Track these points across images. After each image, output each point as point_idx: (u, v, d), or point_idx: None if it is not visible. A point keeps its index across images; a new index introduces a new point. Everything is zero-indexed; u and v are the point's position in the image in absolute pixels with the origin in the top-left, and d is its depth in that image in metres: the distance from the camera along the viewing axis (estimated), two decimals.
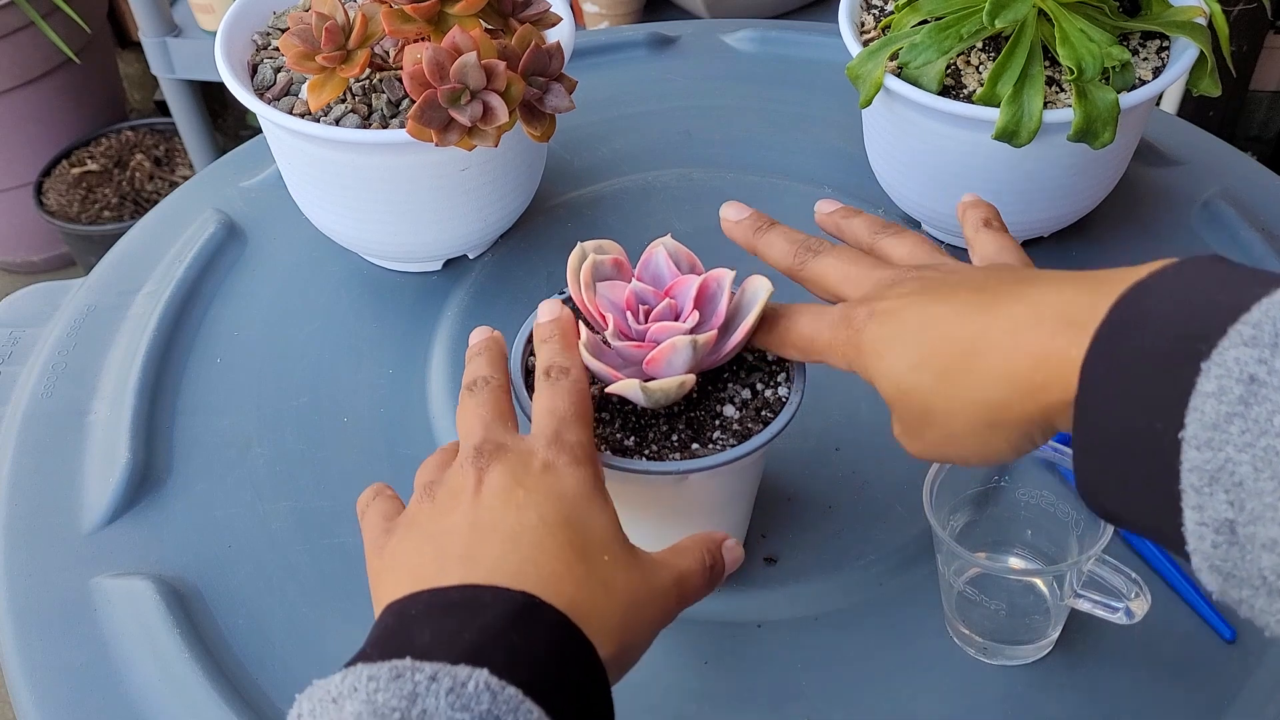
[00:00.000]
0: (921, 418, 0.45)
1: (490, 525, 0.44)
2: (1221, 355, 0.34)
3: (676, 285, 0.51)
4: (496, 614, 0.40)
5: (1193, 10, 0.70)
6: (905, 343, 0.45)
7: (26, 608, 0.60)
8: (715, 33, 1.00)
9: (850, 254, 0.51)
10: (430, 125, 0.62)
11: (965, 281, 0.45)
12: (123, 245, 0.82)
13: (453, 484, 0.46)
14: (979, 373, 0.42)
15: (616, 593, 0.44)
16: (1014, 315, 0.41)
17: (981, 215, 0.53)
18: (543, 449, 0.46)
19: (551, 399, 0.48)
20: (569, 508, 0.45)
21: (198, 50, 1.60)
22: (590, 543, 0.44)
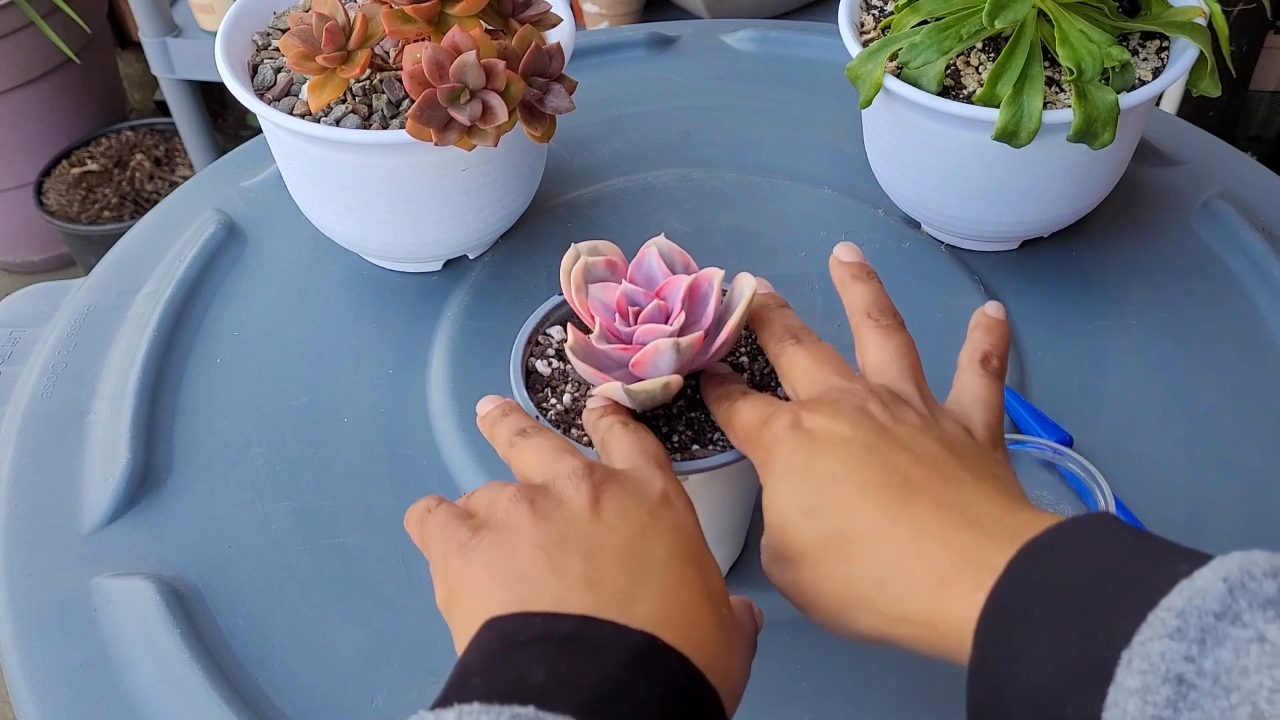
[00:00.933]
0: (786, 558, 0.43)
1: (611, 549, 0.40)
2: (1145, 647, 0.31)
3: (667, 286, 0.51)
4: (618, 656, 0.37)
5: (1193, 10, 0.70)
6: (808, 488, 0.42)
7: (26, 608, 0.60)
8: (715, 33, 1.00)
9: (822, 355, 0.48)
10: (430, 124, 0.62)
11: (897, 464, 0.42)
12: (123, 245, 0.82)
13: (560, 495, 0.42)
14: (859, 568, 0.40)
15: (735, 646, 0.42)
16: (916, 537, 0.39)
17: (984, 347, 0.48)
18: (660, 480, 0.44)
19: (640, 441, 0.46)
20: (696, 548, 0.42)
21: (198, 50, 1.60)
22: (714, 590, 0.42)
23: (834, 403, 0.44)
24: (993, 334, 0.48)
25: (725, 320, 0.50)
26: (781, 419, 0.44)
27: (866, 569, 0.40)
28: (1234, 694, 0.30)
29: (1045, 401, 0.68)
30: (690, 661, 0.38)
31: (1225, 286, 0.76)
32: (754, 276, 0.51)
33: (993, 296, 0.75)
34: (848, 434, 0.43)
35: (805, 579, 0.43)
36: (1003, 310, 0.49)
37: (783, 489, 0.43)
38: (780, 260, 0.77)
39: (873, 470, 0.41)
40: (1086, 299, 0.76)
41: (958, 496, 0.40)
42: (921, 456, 0.42)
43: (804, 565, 0.42)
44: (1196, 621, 0.31)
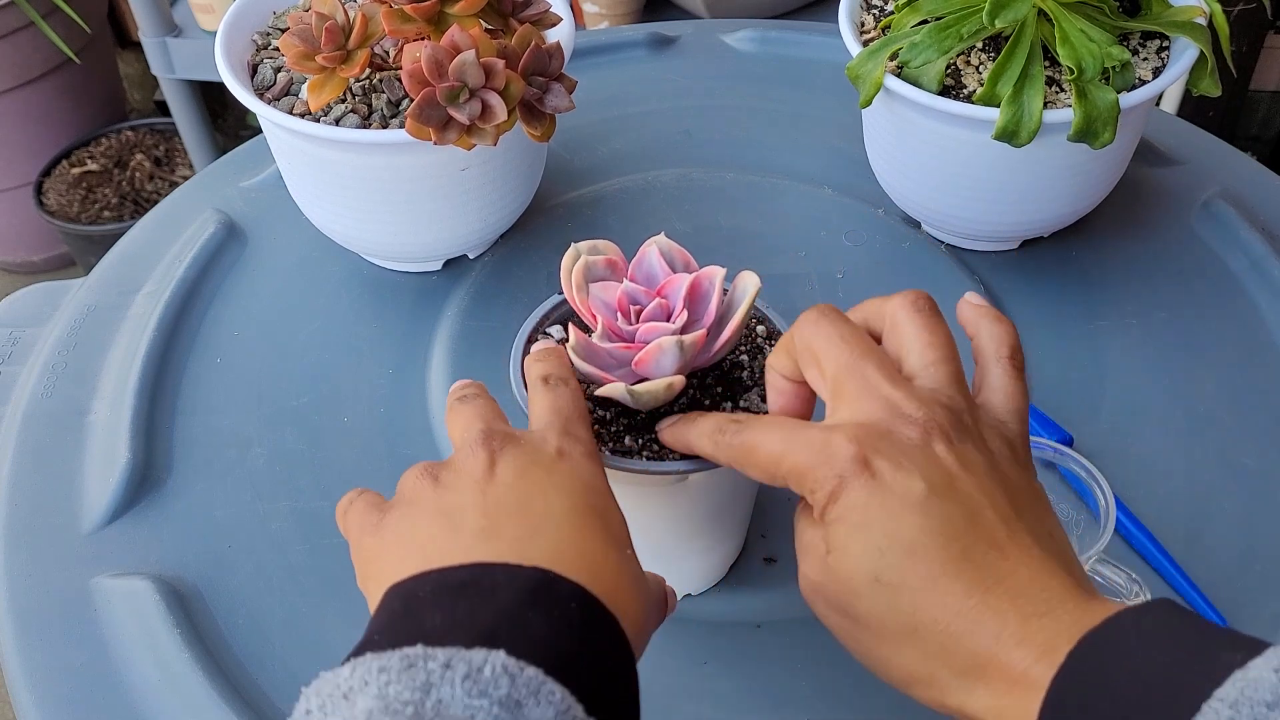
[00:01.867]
0: (842, 610, 0.42)
1: (510, 504, 0.42)
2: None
3: (667, 285, 0.51)
4: (512, 592, 0.38)
5: (1193, 10, 0.70)
6: (886, 557, 0.40)
7: (26, 608, 0.60)
8: (715, 33, 1.00)
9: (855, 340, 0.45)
10: (429, 123, 0.62)
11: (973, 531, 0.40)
12: (123, 245, 0.82)
13: (460, 465, 0.44)
14: (927, 653, 0.40)
15: (643, 586, 0.42)
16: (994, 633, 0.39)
17: (1008, 343, 0.46)
18: (555, 438, 0.45)
19: (554, 399, 0.47)
20: (595, 497, 0.43)
21: (198, 50, 1.60)
22: (618, 536, 0.43)
23: (894, 435, 0.42)
24: (1003, 325, 0.46)
25: (727, 319, 0.50)
26: (842, 450, 0.41)
27: (944, 658, 0.40)
28: None
29: (1045, 401, 0.68)
30: (587, 591, 0.39)
31: (1225, 286, 0.76)
32: (757, 277, 0.51)
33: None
34: (922, 492, 0.40)
35: (869, 646, 0.42)
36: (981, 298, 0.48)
37: (856, 547, 0.41)
38: (780, 260, 0.77)
39: (953, 546, 0.40)
40: (1086, 299, 0.76)
41: (1030, 578, 0.40)
42: (994, 525, 0.41)
43: (870, 633, 0.41)
44: (1249, 711, 0.32)
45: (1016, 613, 0.39)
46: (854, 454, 0.41)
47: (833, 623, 0.43)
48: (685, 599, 0.60)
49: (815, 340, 0.45)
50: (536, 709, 0.34)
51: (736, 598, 0.60)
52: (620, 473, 0.49)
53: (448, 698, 0.34)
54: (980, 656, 0.39)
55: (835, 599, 0.42)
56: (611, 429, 0.51)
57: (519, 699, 0.34)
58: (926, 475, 0.41)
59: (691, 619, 0.59)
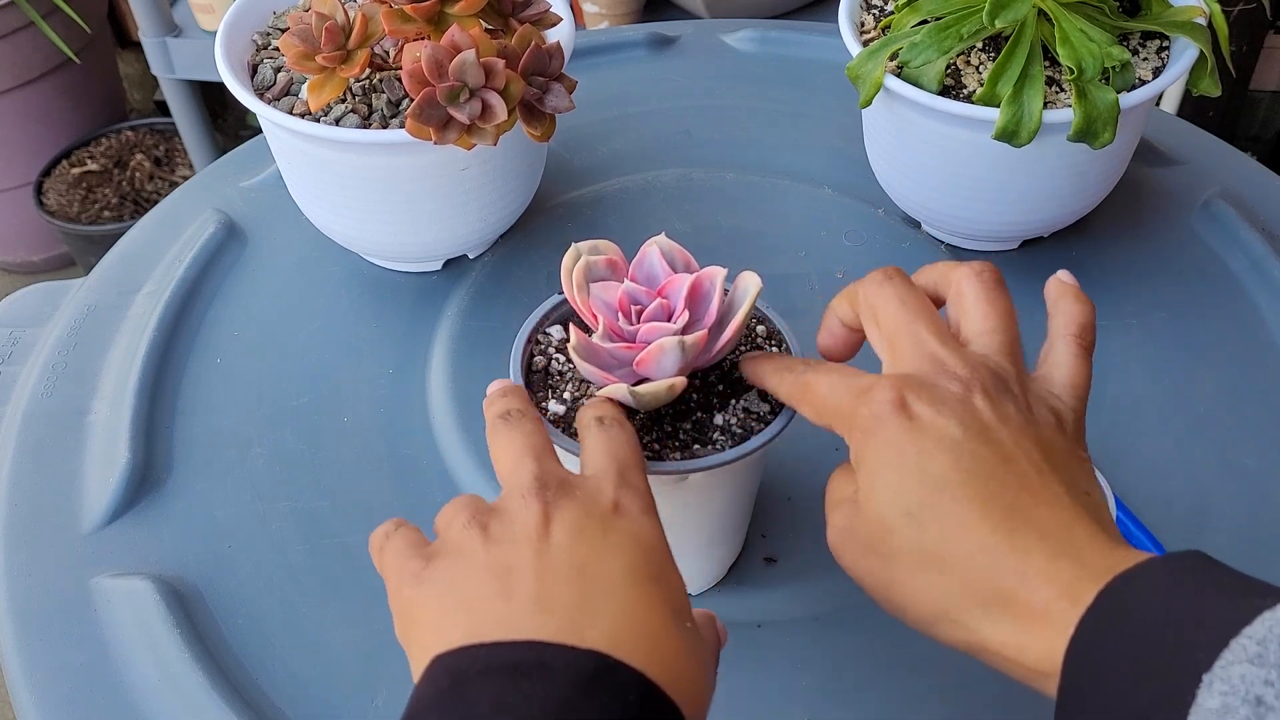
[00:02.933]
0: (873, 551, 0.42)
1: (563, 568, 0.39)
2: (1226, 670, 0.32)
3: (669, 285, 0.51)
4: (567, 679, 0.36)
5: (1192, 10, 0.70)
6: (917, 492, 0.41)
7: (26, 608, 0.60)
8: (715, 33, 1.00)
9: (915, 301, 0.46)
10: (429, 123, 0.62)
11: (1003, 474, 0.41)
12: (123, 245, 0.82)
13: (512, 518, 0.41)
14: (957, 587, 0.40)
15: (703, 664, 0.41)
16: (1019, 567, 0.39)
17: (1080, 320, 0.47)
18: (611, 488, 0.43)
19: (609, 443, 0.45)
20: (658, 561, 0.41)
21: (198, 50, 1.60)
22: (679, 605, 0.41)
23: (936, 387, 0.43)
24: (1082, 304, 0.47)
25: (728, 319, 0.50)
26: (882, 394, 0.42)
27: (969, 593, 0.40)
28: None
29: None
30: (646, 677, 0.37)
31: (1225, 286, 0.76)
32: (759, 278, 0.51)
33: None
34: (957, 435, 0.41)
35: (897, 583, 0.42)
36: (1073, 278, 0.49)
37: (888, 483, 0.42)
38: (780, 260, 0.77)
39: (982, 485, 0.41)
40: None
41: (1058, 522, 0.40)
42: (1026, 472, 0.41)
43: (898, 568, 0.42)
44: (1277, 648, 0.32)
45: (1043, 551, 0.39)
46: (893, 398, 0.42)
47: (860, 568, 0.43)
48: None
49: (878, 299, 0.46)
50: None
51: (736, 598, 0.60)
52: None
53: None
54: (1004, 591, 0.39)
55: (865, 539, 0.43)
56: None
57: None
58: (963, 421, 0.42)
59: None
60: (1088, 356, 0.46)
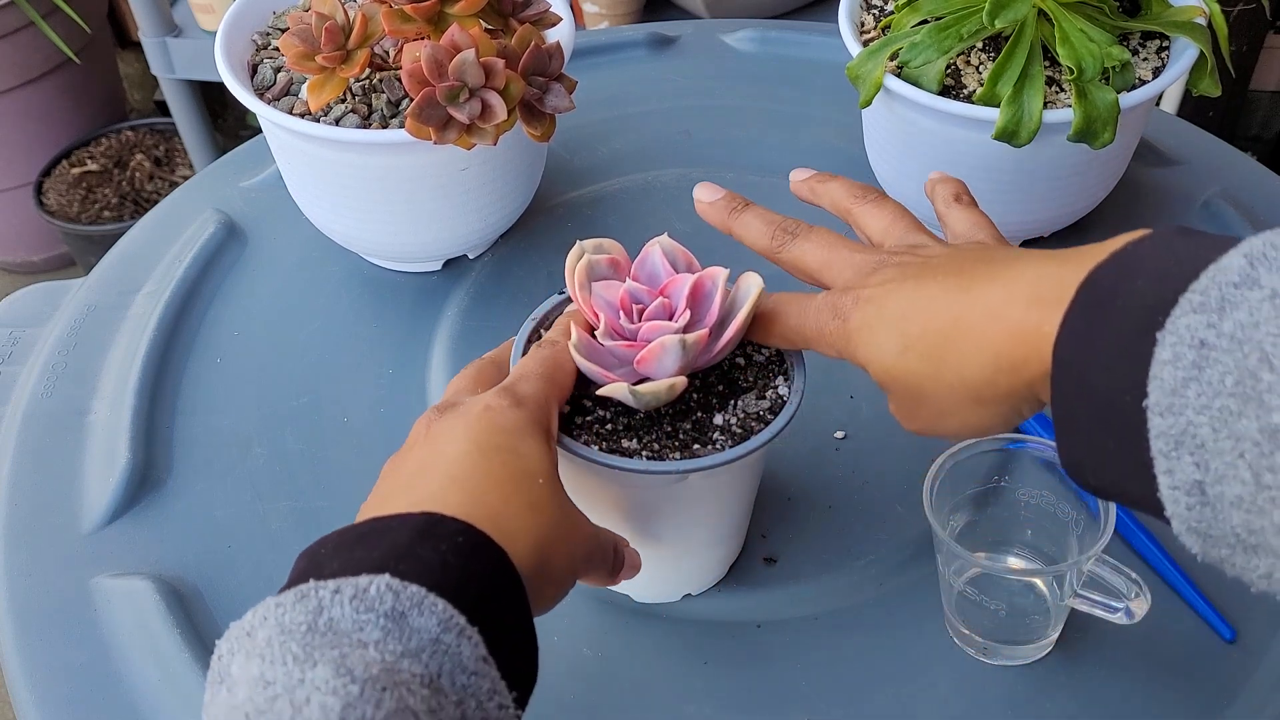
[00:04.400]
0: (914, 398, 0.46)
1: (420, 462, 0.45)
2: (1174, 323, 0.35)
3: (670, 284, 0.51)
4: (401, 534, 0.41)
5: (1192, 10, 0.70)
6: (890, 329, 0.46)
7: (26, 608, 0.60)
8: (715, 33, 1.00)
9: (827, 238, 0.52)
10: (429, 123, 0.62)
11: (943, 265, 0.46)
12: (123, 245, 0.82)
13: (409, 439, 0.48)
14: (961, 353, 0.43)
15: (543, 514, 0.45)
16: (990, 296, 0.43)
17: (951, 190, 0.53)
18: (490, 396, 0.47)
19: (526, 361, 0.50)
20: (503, 436, 0.46)
21: (198, 50, 1.60)
22: (523, 470, 0.45)
23: (874, 270, 0.48)
24: (948, 182, 0.54)
25: (729, 319, 0.50)
26: (843, 300, 0.48)
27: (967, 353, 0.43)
28: (1246, 345, 0.34)
29: None
30: (472, 526, 0.41)
31: None
32: (760, 278, 0.51)
33: None
34: (895, 275, 0.47)
35: (932, 404, 0.46)
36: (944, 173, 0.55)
37: (873, 349, 0.46)
38: None
39: (929, 281, 0.45)
40: None
41: (1004, 256, 0.45)
42: (957, 254, 0.47)
43: (928, 392, 0.45)
44: (1217, 293, 0.35)
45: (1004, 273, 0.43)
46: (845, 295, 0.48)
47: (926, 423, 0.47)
48: (685, 599, 0.60)
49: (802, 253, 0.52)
50: (420, 618, 0.38)
51: (736, 598, 0.60)
52: (620, 473, 0.49)
53: (338, 615, 0.37)
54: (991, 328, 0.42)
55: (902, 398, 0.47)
56: (611, 429, 0.51)
57: (403, 610, 0.38)
58: (897, 269, 0.47)
59: (691, 619, 0.59)
60: (975, 207, 0.52)
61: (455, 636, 0.38)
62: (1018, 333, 0.41)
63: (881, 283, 0.47)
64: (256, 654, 0.37)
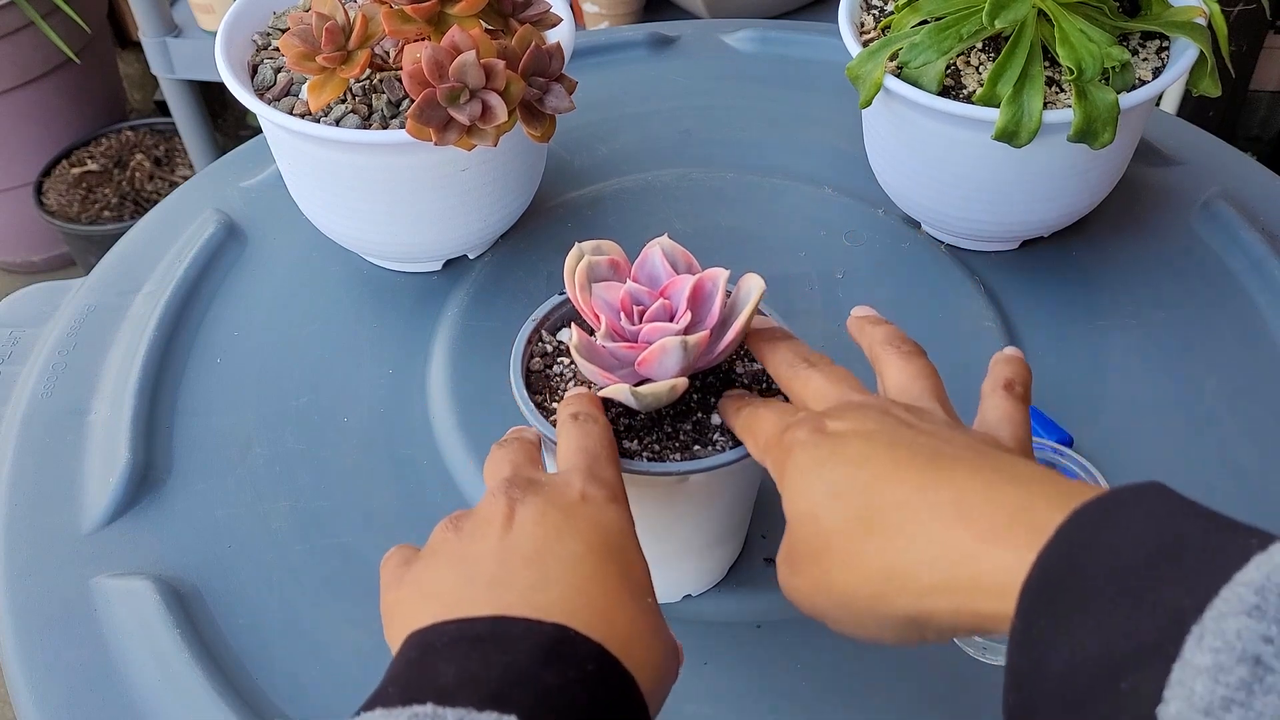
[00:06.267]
0: (811, 553, 0.41)
1: (525, 552, 0.41)
2: (1219, 623, 0.29)
3: (671, 285, 0.51)
4: (527, 649, 0.37)
5: (1192, 10, 0.70)
6: (834, 469, 0.41)
7: (26, 608, 0.60)
8: (715, 33, 1.00)
9: (838, 377, 0.47)
10: (429, 124, 0.62)
11: (926, 441, 0.41)
12: (123, 245, 0.82)
13: (481, 514, 0.43)
14: (895, 539, 0.38)
15: (661, 638, 0.41)
16: (954, 500, 0.37)
17: (1007, 374, 0.47)
18: (579, 481, 0.44)
19: (582, 438, 0.46)
20: (616, 541, 0.42)
21: (198, 50, 1.60)
22: (638, 583, 0.42)
23: (857, 408, 0.43)
24: (1014, 364, 0.47)
25: (730, 320, 0.50)
26: (803, 425, 0.43)
27: (904, 538, 0.38)
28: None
29: (1045, 401, 0.68)
30: (604, 649, 0.38)
31: (1225, 286, 0.76)
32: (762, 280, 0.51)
33: (993, 296, 0.75)
34: (873, 428, 0.42)
35: (834, 570, 0.40)
36: (1020, 353, 0.48)
37: (806, 480, 0.42)
38: (780, 260, 0.77)
39: (903, 449, 0.40)
40: (1086, 299, 0.76)
41: (996, 463, 0.39)
42: (951, 440, 0.41)
43: (833, 553, 0.40)
44: (1276, 600, 0.29)
45: (980, 482, 0.37)
46: (813, 423, 0.43)
47: (805, 583, 0.42)
48: (685, 599, 0.60)
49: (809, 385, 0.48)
50: None
51: (736, 598, 0.60)
52: (622, 474, 0.49)
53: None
54: (943, 530, 0.37)
55: (798, 548, 0.42)
56: (613, 429, 0.51)
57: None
58: (879, 421, 0.42)
59: (691, 619, 0.59)
60: (1020, 402, 0.45)
61: None
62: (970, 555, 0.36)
63: (855, 420, 0.42)
64: None
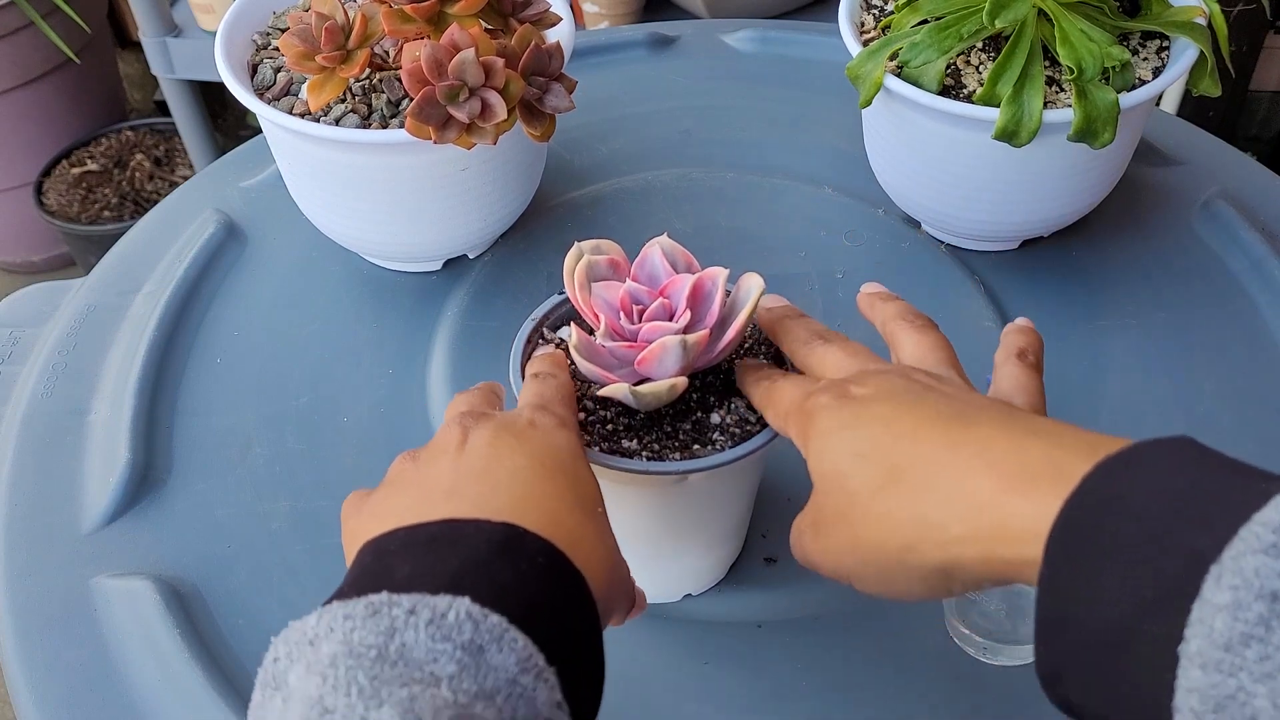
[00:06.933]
0: (838, 513, 0.42)
1: (476, 468, 0.43)
2: (1236, 561, 0.29)
3: (670, 285, 0.51)
4: (479, 544, 0.38)
5: (1192, 10, 0.70)
6: (859, 430, 0.41)
7: (26, 608, 0.60)
8: (715, 33, 1.00)
9: (855, 349, 0.48)
10: (428, 122, 0.62)
11: (949, 402, 0.41)
12: (123, 245, 0.82)
13: (436, 442, 0.45)
14: (922, 492, 0.38)
15: (608, 543, 0.43)
16: (980, 453, 0.38)
17: (1019, 344, 0.47)
18: (529, 412, 0.46)
19: (538, 386, 0.49)
20: (565, 459, 0.44)
21: (198, 50, 1.60)
22: (586, 495, 0.44)
23: (879, 374, 0.44)
24: (1026, 334, 0.48)
25: (730, 319, 0.50)
26: (827, 390, 0.44)
27: (930, 491, 0.38)
28: None
29: (1045, 401, 0.68)
30: (554, 546, 0.39)
31: (1225, 286, 0.76)
32: (762, 280, 0.51)
33: (993, 296, 0.75)
34: (898, 387, 0.43)
35: (862, 526, 0.40)
36: (1030, 323, 0.49)
37: (831, 442, 0.42)
38: (780, 260, 0.77)
39: (928, 407, 0.41)
40: (1086, 299, 0.76)
41: (1020, 419, 0.39)
42: (972, 401, 0.41)
43: (861, 509, 0.40)
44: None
45: (1005, 437, 0.38)
46: (835, 388, 0.44)
47: (830, 548, 0.43)
48: (685, 599, 0.60)
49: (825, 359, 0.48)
50: (499, 655, 0.35)
51: (736, 598, 0.60)
52: (620, 473, 0.49)
53: (411, 641, 0.34)
54: (971, 480, 0.37)
55: (824, 512, 0.43)
56: (611, 429, 0.51)
57: (481, 644, 0.35)
58: (903, 384, 0.43)
59: (691, 619, 0.59)
60: (1034, 370, 0.46)
61: (533, 679, 0.35)
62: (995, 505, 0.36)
63: (877, 384, 0.43)
64: (318, 671, 0.34)
